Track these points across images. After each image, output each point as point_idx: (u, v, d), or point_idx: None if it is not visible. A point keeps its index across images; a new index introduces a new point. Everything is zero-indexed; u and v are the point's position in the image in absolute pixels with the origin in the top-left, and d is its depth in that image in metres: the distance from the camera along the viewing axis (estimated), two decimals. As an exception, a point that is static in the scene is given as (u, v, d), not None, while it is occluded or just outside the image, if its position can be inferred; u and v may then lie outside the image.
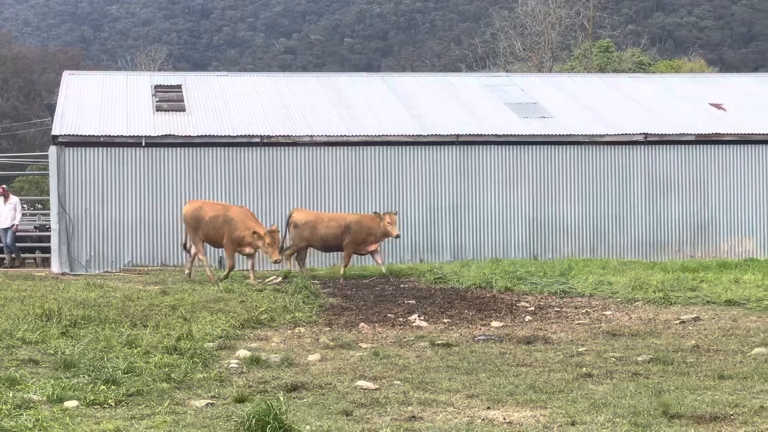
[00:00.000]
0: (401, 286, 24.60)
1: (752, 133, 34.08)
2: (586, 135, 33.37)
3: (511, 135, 33.01)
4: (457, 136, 32.73)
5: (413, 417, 11.00)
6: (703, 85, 40.07)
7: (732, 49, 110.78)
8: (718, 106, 36.90)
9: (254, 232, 24.85)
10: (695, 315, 18.95)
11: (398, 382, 12.93)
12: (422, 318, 19.06)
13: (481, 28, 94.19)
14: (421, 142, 32.62)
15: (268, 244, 24.58)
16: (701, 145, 33.75)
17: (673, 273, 25.48)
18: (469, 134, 32.87)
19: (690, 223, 33.47)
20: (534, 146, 33.07)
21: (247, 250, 25.44)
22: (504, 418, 10.92)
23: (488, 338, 16.64)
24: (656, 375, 13.31)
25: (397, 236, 27.70)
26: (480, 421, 10.82)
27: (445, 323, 18.56)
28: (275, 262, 24.93)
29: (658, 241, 33.32)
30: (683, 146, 33.69)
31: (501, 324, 18.33)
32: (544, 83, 39.52)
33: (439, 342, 16.11)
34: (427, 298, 22.09)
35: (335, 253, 29.20)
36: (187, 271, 26.35)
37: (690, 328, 17.71)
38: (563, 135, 33.29)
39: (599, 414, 10.96)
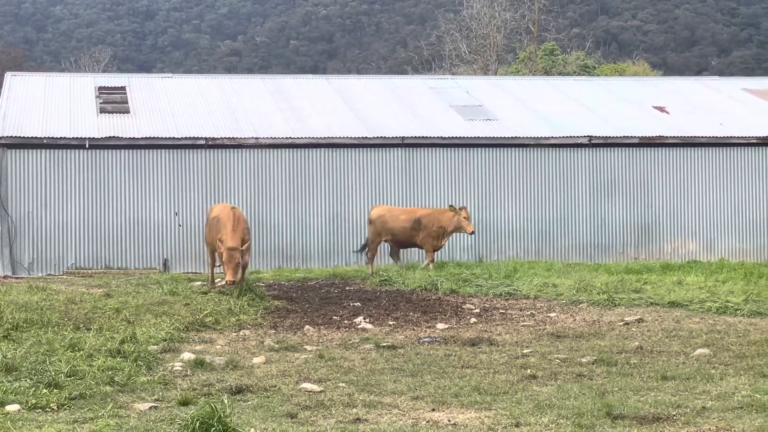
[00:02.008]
0: (346, 288, 24.56)
1: (695, 136, 34.35)
2: (530, 137, 33.50)
3: (456, 137, 33.08)
4: (403, 138, 32.75)
5: (358, 419, 11.00)
6: (646, 88, 40.37)
7: (675, 52, 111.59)
8: (661, 109, 37.19)
9: (219, 239, 22.39)
10: (639, 316, 19.07)
11: (343, 384, 12.92)
12: (367, 320, 19.06)
13: (426, 30, 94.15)
14: (367, 144, 32.62)
15: (224, 261, 21.92)
16: (645, 148, 33.98)
17: (617, 275, 25.62)
18: (415, 137, 32.90)
19: (634, 226, 33.68)
20: (479, 149, 33.15)
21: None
22: (449, 420, 10.93)
23: (433, 340, 16.66)
24: (600, 376, 13.40)
25: (472, 233, 27.81)
26: (425, 423, 10.83)
27: (390, 325, 18.56)
28: (227, 282, 21.85)
29: (603, 243, 33.50)
30: (627, 149, 33.91)
31: (446, 326, 18.36)
32: (489, 86, 39.64)
33: (384, 344, 16.12)
34: (373, 300, 22.08)
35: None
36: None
37: (634, 329, 17.83)
38: (508, 137, 33.40)
39: (543, 415, 11.01)
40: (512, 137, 33.41)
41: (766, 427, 10.31)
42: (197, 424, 9.97)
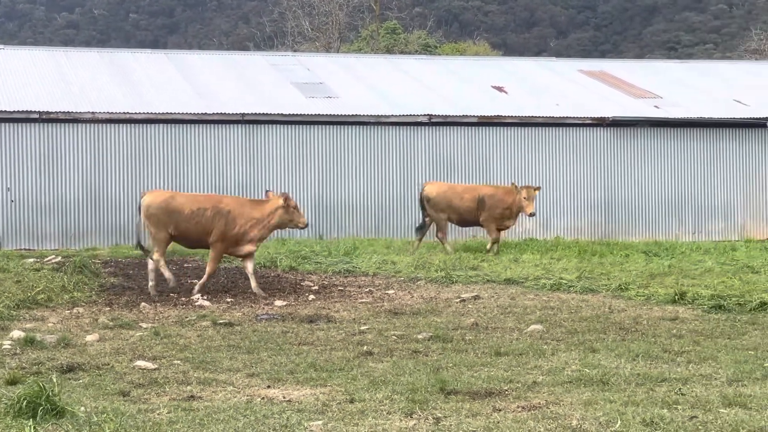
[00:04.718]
0: (185, 265, 24.35)
1: (533, 116, 34.85)
2: (371, 115, 33.59)
3: (296, 114, 32.98)
4: (243, 114, 32.53)
5: (192, 396, 10.91)
6: (486, 69, 40.81)
7: (515, 33, 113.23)
8: (500, 89, 37.66)
9: (285, 200, 19.65)
10: (475, 293, 19.30)
11: (178, 361, 12.79)
12: (205, 297, 18.92)
13: (269, 7, 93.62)
14: (206, 120, 32.31)
15: (293, 207, 19.70)
16: (483, 127, 34.35)
17: (455, 252, 25.92)
18: (255, 113, 32.69)
19: (472, 204, 33.99)
20: (320, 126, 33.13)
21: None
22: (284, 397, 10.91)
23: (271, 317, 16.62)
24: (435, 352, 13.51)
25: (532, 215, 26.78)
26: (259, 399, 10.79)
27: (228, 302, 18.46)
28: (305, 225, 19.84)
29: (441, 221, 33.77)
30: (466, 128, 34.24)
31: (284, 303, 18.33)
32: (330, 63, 39.63)
33: (221, 321, 16.02)
34: (211, 277, 21.88)
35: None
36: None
37: (470, 306, 18.04)
38: (348, 115, 33.43)
39: (378, 391, 11.05)
40: (352, 115, 33.45)
41: (593, 401, 10.52)
42: (24, 403, 9.75)
